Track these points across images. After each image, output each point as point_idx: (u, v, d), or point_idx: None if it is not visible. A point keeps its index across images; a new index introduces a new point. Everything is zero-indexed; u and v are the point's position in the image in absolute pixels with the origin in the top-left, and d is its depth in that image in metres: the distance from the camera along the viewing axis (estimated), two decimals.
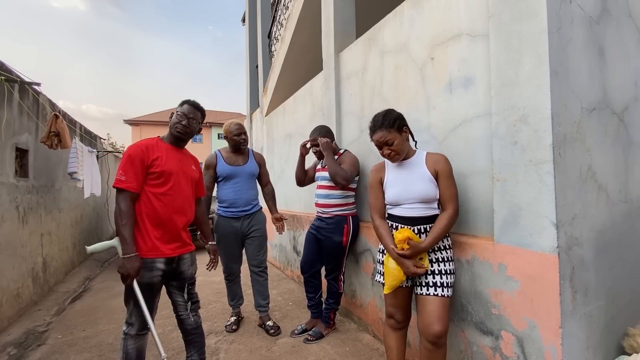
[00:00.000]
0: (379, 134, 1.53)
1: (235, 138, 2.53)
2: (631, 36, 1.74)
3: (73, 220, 4.91)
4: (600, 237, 1.44)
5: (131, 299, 1.58)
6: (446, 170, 1.50)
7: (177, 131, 1.69)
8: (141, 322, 1.59)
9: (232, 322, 2.64)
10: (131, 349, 1.60)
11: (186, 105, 1.73)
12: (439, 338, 1.42)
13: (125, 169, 1.54)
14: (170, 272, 1.67)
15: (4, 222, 2.86)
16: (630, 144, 1.69)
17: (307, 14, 3.64)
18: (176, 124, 1.68)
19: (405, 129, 1.55)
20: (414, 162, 1.57)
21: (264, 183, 2.74)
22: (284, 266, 4.27)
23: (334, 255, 2.38)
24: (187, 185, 1.73)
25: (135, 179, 1.54)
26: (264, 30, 5.75)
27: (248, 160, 2.62)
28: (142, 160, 1.56)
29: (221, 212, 2.56)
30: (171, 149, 1.70)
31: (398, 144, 1.51)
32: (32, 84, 3.34)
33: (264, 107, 5.44)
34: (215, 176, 2.54)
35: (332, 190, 2.39)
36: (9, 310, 2.88)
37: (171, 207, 1.63)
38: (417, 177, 1.53)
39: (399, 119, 1.54)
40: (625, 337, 1.51)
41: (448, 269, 1.51)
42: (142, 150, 1.58)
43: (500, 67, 1.41)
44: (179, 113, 1.70)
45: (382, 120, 1.53)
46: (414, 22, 2.00)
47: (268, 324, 2.53)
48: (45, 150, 3.68)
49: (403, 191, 1.54)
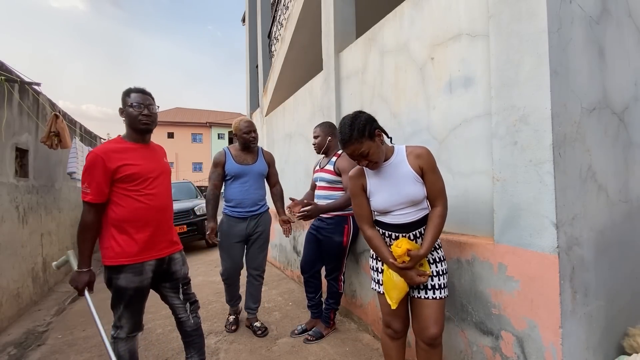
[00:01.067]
0: (350, 148, 1.36)
1: (245, 136, 2.46)
2: (631, 36, 1.74)
3: (73, 220, 4.91)
4: (600, 237, 1.44)
5: (120, 305, 1.55)
6: (430, 164, 1.39)
7: (143, 123, 1.57)
8: (132, 324, 1.58)
9: (232, 321, 2.62)
10: (123, 351, 1.57)
11: (134, 94, 1.57)
12: (435, 340, 1.42)
13: (87, 180, 1.45)
14: (162, 274, 1.65)
15: (4, 222, 2.86)
16: (630, 144, 1.69)
17: (307, 14, 3.64)
18: (138, 116, 1.55)
19: (378, 132, 1.39)
20: (395, 162, 1.44)
21: (273, 183, 2.69)
22: (284, 266, 4.27)
23: (334, 255, 2.38)
24: (164, 180, 1.67)
25: (97, 188, 1.46)
26: (264, 30, 5.75)
27: (257, 159, 2.55)
28: (103, 167, 1.46)
29: (227, 212, 2.49)
30: (137, 148, 1.59)
31: (374, 153, 1.36)
32: (32, 84, 3.34)
33: (264, 107, 5.44)
34: (224, 174, 2.47)
35: (331, 191, 2.39)
36: (9, 310, 2.88)
37: (154, 206, 1.58)
38: (402, 179, 1.41)
39: (367, 123, 1.36)
40: (625, 337, 1.51)
41: (441, 270, 1.47)
42: (102, 158, 1.46)
43: (500, 67, 1.41)
44: (133, 104, 1.55)
45: (350, 131, 1.34)
46: (414, 22, 2.00)
47: (255, 324, 2.53)
48: (45, 150, 3.68)
49: (391, 197, 1.41)
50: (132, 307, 1.57)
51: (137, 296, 1.56)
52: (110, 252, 1.51)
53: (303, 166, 3.77)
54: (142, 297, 1.60)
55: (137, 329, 1.62)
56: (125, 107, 1.57)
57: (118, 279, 1.52)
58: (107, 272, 1.54)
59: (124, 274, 1.52)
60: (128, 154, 1.54)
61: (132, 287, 1.53)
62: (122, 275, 1.52)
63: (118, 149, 1.53)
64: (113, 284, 1.53)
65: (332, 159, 2.41)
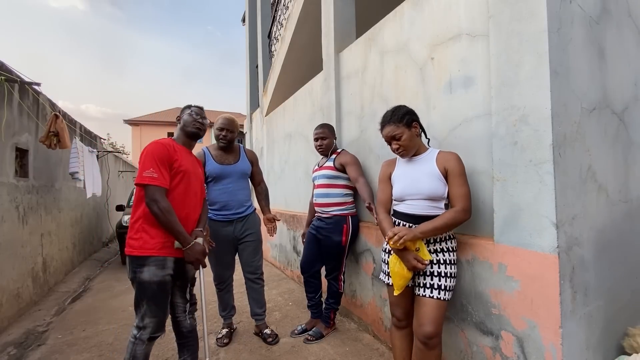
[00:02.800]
0: (387, 129, 1.54)
1: (216, 132, 2.31)
2: (631, 36, 1.74)
3: (73, 220, 4.91)
4: (600, 237, 1.44)
5: (143, 301, 1.54)
6: (457, 169, 1.46)
7: (196, 127, 1.76)
8: (156, 323, 1.56)
9: (224, 334, 2.42)
10: (140, 354, 1.55)
11: (194, 107, 1.82)
12: (430, 339, 1.42)
13: (154, 167, 1.56)
14: (178, 273, 1.66)
15: (4, 222, 2.86)
16: (630, 144, 1.69)
17: (307, 14, 3.64)
18: (193, 122, 1.76)
19: (415, 124, 1.54)
20: (424, 158, 1.55)
21: (258, 182, 2.55)
22: (284, 266, 4.27)
23: (334, 255, 2.38)
24: (198, 185, 1.79)
25: (164, 175, 1.58)
26: (264, 30, 5.75)
27: (239, 158, 2.40)
28: (168, 158, 1.61)
29: (212, 216, 2.32)
30: (184, 150, 1.75)
31: (406, 139, 1.50)
32: (32, 84, 3.34)
33: (264, 107, 5.44)
34: (205, 176, 2.27)
35: (330, 189, 2.39)
36: (9, 310, 2.88)
37: (187, 206, 1.67)
38: (424, 173, 1.50)
39: (408, 114, 1.54)
40: (625, 337, 1.51)
41: (449, 272, 1.47)
42: (166, 149, 1.62)
43: (500, 67, 1.41)
44: (191, 113, 1.77)
45: (391, 115, 1.54)
46: (414, 22, 2.00)
47: (266, 332, 2.40)
48: (45, 150, 3.68)
49: (408, 186, 1.52)
50: (156, 303, 1.56)
51: (160, 291, 1.56)
52: (138, 242, 1.55)
53: (303, 166, 3.77)
54: (165, 293, 1.59)
55: (160, 330, 1.59)
56: (183, 114, 1.79)
57: (142, 272, 1.53)
58: (130, 265, 1.56)
59: (147, 267, 1.53)
60: (179, 152, 1.69)
61: (155, 281, 1.54)
62: (145, 268, 1.53)
63: (173, 146, 1.68)
64: (137, 278, 1.54)
65: (331, 157, 2.42)
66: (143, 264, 1.53)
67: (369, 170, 2.43)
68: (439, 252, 1.50)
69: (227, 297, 2.47)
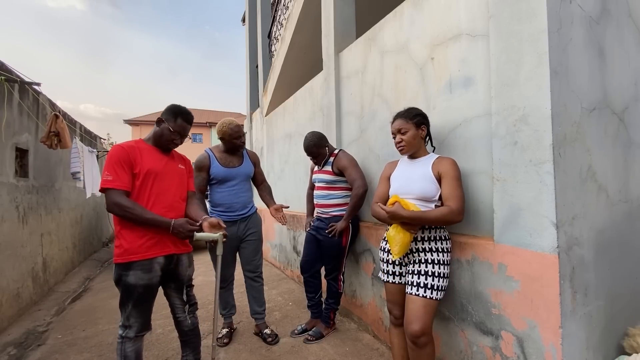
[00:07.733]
0: (397, 122, 1.63)
1: (235, 141, 2.35)
2: (631, 36, 1.74)
3: (73, 220, 4.91)
4: (600, 237, 1.44)
5: (129, 303, 1.55)
6: (450, 172, 1.51)
7: (167, 145, 1.69)
8: (141, 323, 1.58)
9: (224, 334, 2.44)
10: (130, 352, 1.57)
11: (180, 120, 1.68)
12: (417, 337, 1.43)
13: (110, 170, 1.52)
14: (169, 273, 1.66)
15: (4, 222, 2.86)
16: (630, 144, 1.69)
17: (307, 14, 3.64)
18: (168, 141, 1.67)
19: (424, 127, 1.63)
20: (422, 162, 1.63)
21: (260, 181, 2.61)
22: (284, 266, 4.27)
23: (334, 255, 2.38)
24: (174, 183, 1.71)
25: (120, 177, 1.53)
26: (264, 30, 5.75)
27: (243, 161, 2.46)
28: (126, 160, 1.55)
29: (216, 217, 2.38)
30: (153, 150, 1.68)
31: (410, 136, 1.59)
32: (32, 84, 3.34)
33: (264, 107, 5.44)
34: (209, 178, 2.36)
35: (330, 191, 2.39)
36: (9, 310, 2.88)
37: (159, 205, 1.61)
38: (418, 175, 1.58)
39: (420, 115, 1.63)
40: (625, 337, 1.51)
41: (438, 272, 1.49)
42: (125, 151, 1.57)
43: (500, 67, 1.41)
44: (172, 131, 1.66)
45: (405, 111, 1.64)
46: (414, 22, 2.00)
47: (265, 331, 2.43)
48: (45, 150, 3.68)
49: (401, 186, 1.61)
50: (141, 305, 1.57)
51: (146, 294, 1.56)
52: (120, 250, 1.54)
53: (303, 166, 3.77)
54: (151, 295, 1.60)
55: (146, 328, 1.62)
56: (167, 123, 1.66)
57: (127, 276, 1.53)
58: (116, 270, 1.56)
59: (133, 271, 1.53)
60: (142, 153, 1.62)
61: (141, 285, 1.54)
62: (131, 272, 1.53)
63: (135, 148, 1.62)
64: (122, 282, 1.54)
65: (329, 160, 2.41)
66: (129, 269, 1.53)
67: (369, 170, 2.43)
68: (429, 251, 1.53)
69: (227, 296, 2.50)
